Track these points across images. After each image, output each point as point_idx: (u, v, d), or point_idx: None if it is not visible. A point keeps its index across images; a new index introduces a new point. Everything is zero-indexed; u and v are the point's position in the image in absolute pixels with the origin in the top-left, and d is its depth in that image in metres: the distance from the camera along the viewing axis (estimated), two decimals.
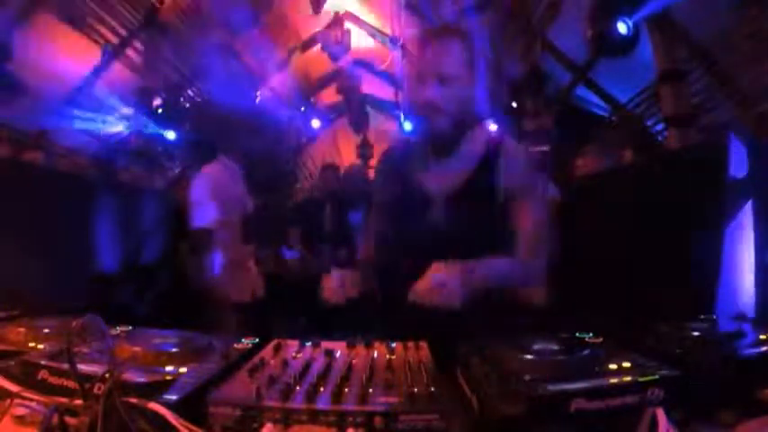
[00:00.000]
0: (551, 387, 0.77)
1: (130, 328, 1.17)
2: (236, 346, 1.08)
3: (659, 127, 4.95)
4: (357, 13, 6.66)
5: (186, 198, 2.83)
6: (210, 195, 2.75)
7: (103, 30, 5.11)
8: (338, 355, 1.00)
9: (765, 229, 2.27)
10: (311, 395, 0.77)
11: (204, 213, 2.73)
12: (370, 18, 6.66)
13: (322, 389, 0.80)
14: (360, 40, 6.63)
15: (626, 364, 0.87)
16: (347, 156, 7.43)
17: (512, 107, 6.00)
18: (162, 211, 3.72)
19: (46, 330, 1.11)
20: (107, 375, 0.74)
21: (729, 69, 4.09)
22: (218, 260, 2.75)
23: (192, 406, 0.77)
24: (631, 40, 3.86)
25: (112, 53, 5.23)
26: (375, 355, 0.99)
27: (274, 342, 1.09)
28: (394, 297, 1.30)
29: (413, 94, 1.42)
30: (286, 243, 3.92)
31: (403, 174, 1.51)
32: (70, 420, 0.72)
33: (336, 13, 6.43)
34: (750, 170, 2.31)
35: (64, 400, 0.77)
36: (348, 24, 6.52)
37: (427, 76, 1.35)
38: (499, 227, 1.42)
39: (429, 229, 1.43)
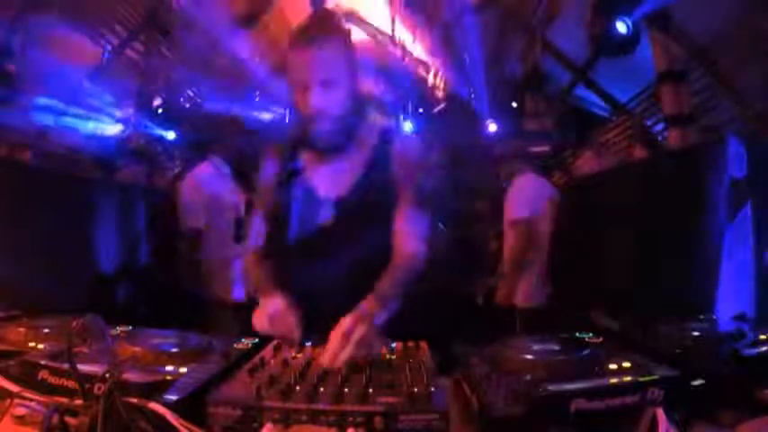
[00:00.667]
0: (551, 387, 0.77)
1: (130, 328, 1.17)
2: (236, 346, 1.08)
3: (659, 127, 4.95)
4: (357, 13, 6.66)
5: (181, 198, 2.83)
6: (199, 196, 2.76)
7: (103, 30, 5.11)
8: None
9: (765, 229, 2.27)
10: (311, 395, 0.77)
11: (193, 213, 2.73)
12: (369, 18, 6.66)
13: (322, 389, 0.80)
14: (359, 40, 6.63)
15: (626, 364, 0.87)
16: None
17: (512, 107, 6.00)
18: (160, 210, 3.72)
19: (46, 330, 1.11)
20: (107, 375, 0.74)
21: (729, 69, 4.09)
22: (210, 260, 2.75)
23: (192, 406, 0.77)
24: (631, 40, 3.86)
25: (112, 53, 5.23)
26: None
27: (274, 342, 1.09)
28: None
29: (295, 100, 1.35)
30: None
31: (291, 176, 1.44)
32: (70, 420, 0.72)
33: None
34: (750, 170, 2.31)
35: (64, 400, 0.77)
36: (348, 24, 6.52)
37: (309, 83, 1.29)
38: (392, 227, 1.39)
39: (320, 232, 1.39)
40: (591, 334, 1.10)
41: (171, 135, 5.56)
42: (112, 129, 5.39)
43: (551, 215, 3.19)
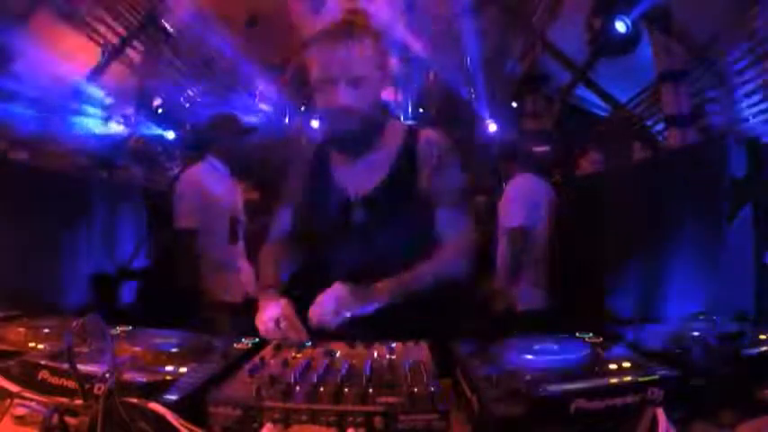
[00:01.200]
0: (551, 387, 0.77)
1: (130, 328, 1.18)
2: (236, 346, 1.08)
3: (659, 127, 4.95)
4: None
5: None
6: (193, 195, 2.76)
7: (103, 30, 5.10)
8: (338, 355, 1.00)
9: (765, 229, 2.27)
10: (311, 395, 0.77)
11: (186, 213, 2.73)
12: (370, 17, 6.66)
13: (322, 389, 0.80)
14: None
15: (626, 364, 0.87)
16: None
17: (512, 107, 6.00)
18: (159, 211, 3.72)
19: (46, 330, 1.11)
20: (107, 375, 0.74)
21: (729, 69, 4.09)
22: (204, 259, 2.75)
23: (192, 406, 0.77)
24: (631, 40, 3.86)
25: (112, 53, 5.22)
26: (375, 355, 0.99)
27: (274, 342, 1.09)
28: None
29: (322, 98, 1.36)
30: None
31: (319, 174, 1.47)
32: (70, 420, 0.72)
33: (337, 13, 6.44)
34: (750, 170, 2.31)
35: (64, 400, 0.77)
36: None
37: (337, 80, 1.30)
38: (421, 226, 1.40)
39: (348, 231, 1.40)
40: (591, 334, 1.10)
41: (171, 135, 5.56)
42: (112, 129, 5.39)
43: (549, 217, 3.17)
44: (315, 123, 7.69)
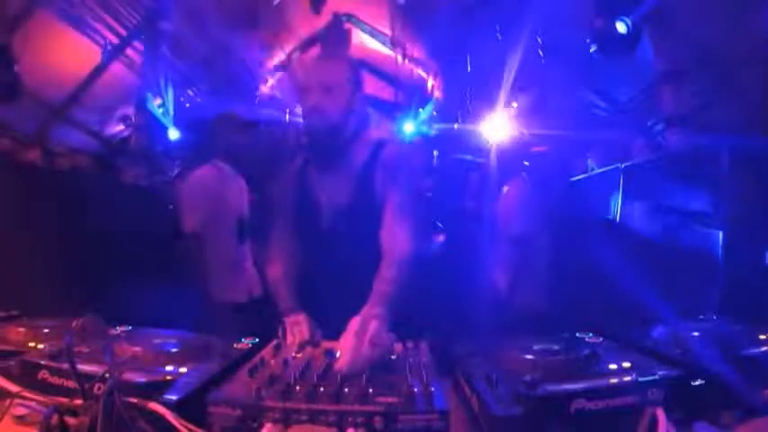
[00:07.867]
0: (551, 387, 0.77)
1: (130, 328, 1.18)
2: (236, 346, 1.08)
3: (659, 127, 4.95)
4: (357, 13, 6.67)
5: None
6: (198, 199, 2.76)
7: (103, 30, 5.10)
8: (338, 355, 1.00)
9: (765, 229, 2.27)
10: (311, 395, 0.77)
11: (192, 217, 2.74)
12: (370, 18, 6.66)
13: (322, 389, 0.80)
14: (360, 41, 6.63)
15: (626, 364, 0.87)
16: None
17: (512, 107, 5.99)
18: (160, 211, 3.72)
19: (46, 330, 1.11)
20: (107, 375, 0.74)
21: (729, 69, 4.09)
22: (210, 261, 2.75)
23: (192, 406, 0.77)
24: (632, 40, 3.86)
25: (112, 53, 5.22)
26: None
27: (274, 342, 1.09)
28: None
29: (301, 102, 1.51)
30: None
31: (300, 185, 1.56)
32: (70, 420, 0.72)
33: (336, 13, 6.43)
34: (750, 170, 2.31)
35: (64, 400, 0.77)
36: (348, 24, 6.51)
37: (313, 86, 1.47)
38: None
39: (324, 238, 1.48)
40: (591, 334, 1.10)
41: (172, 135, 5.56)
42: (112, 129, 5.39)
43: (550, 218, 3.16)
44: None
